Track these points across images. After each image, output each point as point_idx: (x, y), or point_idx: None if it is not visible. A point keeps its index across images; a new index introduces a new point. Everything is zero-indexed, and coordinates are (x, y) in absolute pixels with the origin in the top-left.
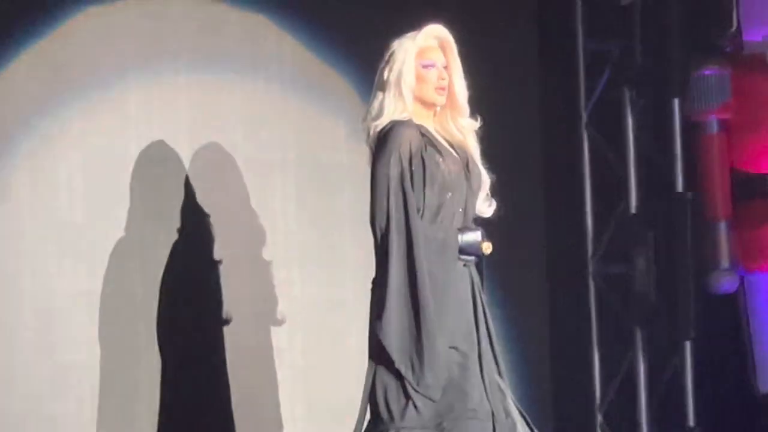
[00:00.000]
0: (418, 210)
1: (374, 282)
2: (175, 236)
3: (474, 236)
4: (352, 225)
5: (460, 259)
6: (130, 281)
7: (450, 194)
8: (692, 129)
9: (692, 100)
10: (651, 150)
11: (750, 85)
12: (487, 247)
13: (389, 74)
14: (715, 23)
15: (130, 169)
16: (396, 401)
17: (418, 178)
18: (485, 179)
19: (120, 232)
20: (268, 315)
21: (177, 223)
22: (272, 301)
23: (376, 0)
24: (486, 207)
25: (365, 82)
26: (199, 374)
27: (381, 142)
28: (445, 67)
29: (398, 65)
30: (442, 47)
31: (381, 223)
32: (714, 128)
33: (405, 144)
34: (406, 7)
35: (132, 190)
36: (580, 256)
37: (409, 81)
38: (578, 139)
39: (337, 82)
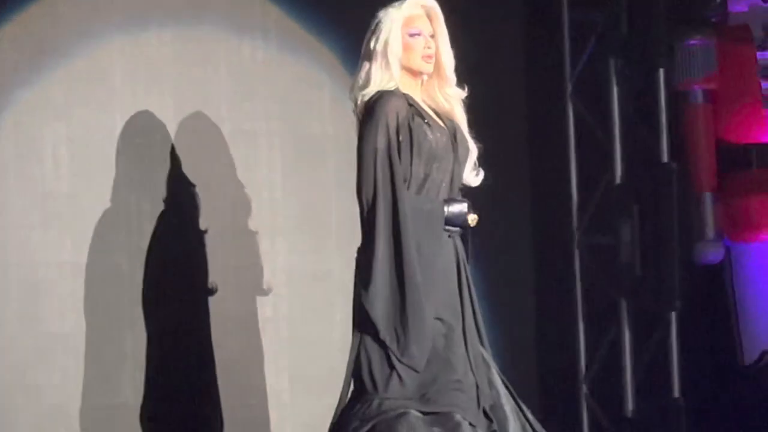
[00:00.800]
0: (405, 181)
1: (360, 252)
2: (160, 206)
3: (460, 208)
4: (338, 195)
5: (445, 230)
6: (115, 252)
7: (437, 164)
8: (677, 99)
9: (677, 71)
10: (636, 120)
11: (735, 55)
12: (473, 219)
13: (376, 44)
14: None
15: (115, 139)
16: (380, 371)
17: (405, 148)
18: (472, 149)
19: (105, 203)
20: (253, 285)
21: (162, 194)
22: (257, 271)
23: None
24: (473, 177)
25: (350, 52)
26: (184, 344)
27: (368, 113)
28: (432, 36)
29: (384, 34)
30: (429, 16)
31: (368, 193)
32: (699, 99)
33: (392, 114)
34: None
35: (117, 160)
36: (565, 227)
37: (395, 50)
38: (563, 110)
39: (322, 52)
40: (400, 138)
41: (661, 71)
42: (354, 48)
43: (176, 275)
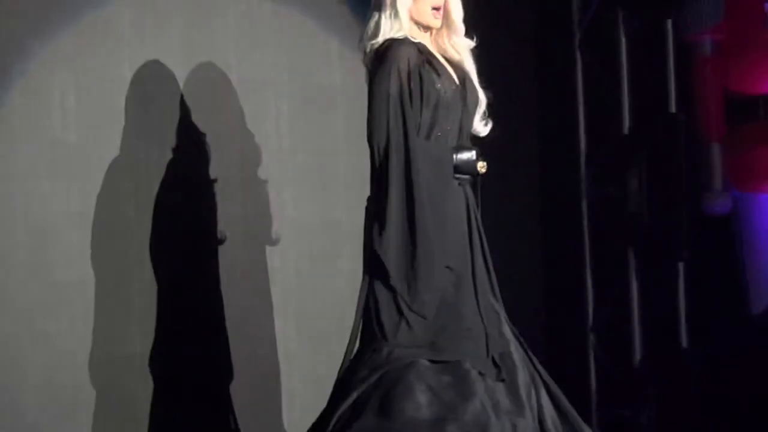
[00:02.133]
0: (416, 127)
1: (370, 199)
2: (169, 155)
3: (469, 155)
4: (346, 146)
5: (455, 177)
6: (123, 201)
7: (445, 113)
8: (686, 50)
9: (686, 21)
10: (644, 71)
11: (743, 6)
12: (482, 167)
13: None
14: None
15: (124, 88)
16: (389, 319)
17: (416, 95)
18: (482, 98)
19: (114, 152)
20: (261, 235)
21: (171, 143)
22: (266, 221)
23: None
24: (482, 126)
25: (359, 1)
26: (192, 293)
27: (379, 60)
28: None
29: None
30: None
31: (380, 140)
32: (707, 49)
33: (403, 61)
34: None
35: (125, 109)
36: (573, 177)
37: (405, 0)
38: (572, 60)
39: (330, 1)
40: (411, 85)
41: (669, 22)
42: None
43: (184, 225)
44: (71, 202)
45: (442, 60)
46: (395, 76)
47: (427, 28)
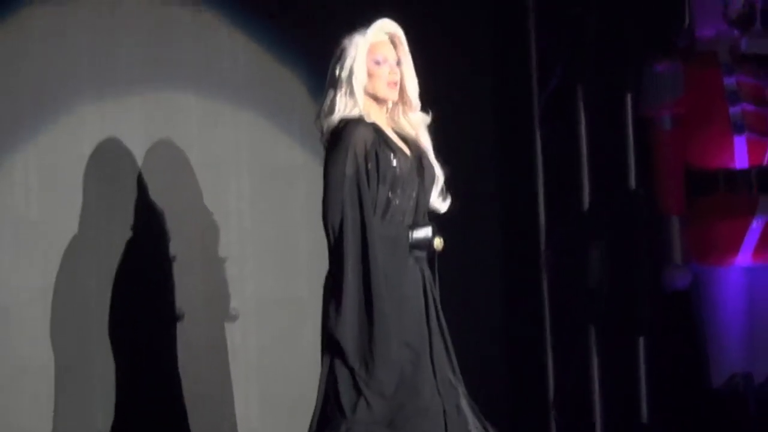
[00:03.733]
0: (372, 207)
1: (328, 278)
2: (129, 233)
3: (425, 232)
4: (306, 223)
5: (411, 255)
6: (84, 278)
7: (401, 190)
8: (645, 124)
9: (645, 96)
10: (604, 146)
11: (702, 80)
12: (439, 243)
13: (340, 71)
14: (667, 19)
15: (85, 166)
16: (348, 397)
17: (372, 175)
18: (439, 174)
19: (74, 229)
20: (222, 312)
21: (131, 221)
22: (226, 298)
23: None
24: (440, 202)
25: (319, 80)
26: (153, 371)
27: (334, 140)
28: (397, 63)
29: (349, 62)
30: (393, 42)
31: (334, 221)
32: (667, 124)
33: (360, 142)
34: (360, 4)
35: (86, 187)
36: (533, 251)
37: (360, 78)
38: (531, 134)
39: (290, 80)
40: (369, 166)
41: (629, 97)
42: (322, 75)
43: (145, 302)
44: (33, 278)
45: (398, 137)
46: (351, 157)
47: (382, 103)
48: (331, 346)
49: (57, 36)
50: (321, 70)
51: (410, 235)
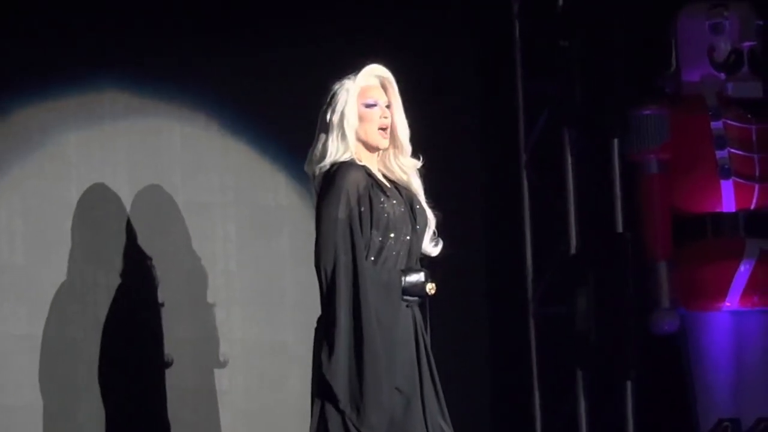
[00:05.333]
0: (365, 251)
1: (320, 322)
2: (116, 279)
3: (418, 277)
4: (293, 267)
5: (403, 299)
6: (70, 324)
7: (394, 234)
8: (632, 169)
9: (632, 141)
10: (591, 190)
11: (689, 124)
12: (431, 288)
13: (332, 115)
14: (654, 64)
15: (71, 211)
16: None
17: (365, 219)
18: (431, 219)
19: (61, 276)
20: (209, 357)
21: (118, 266)
22: (214, 343)
23: (317, 40)
24: (432, 247)
25: (304, 124)
26: (140, 417)
27: (327, 184)
28: (388, 106)
29: (340, 106)
30: (384, 86)
31: (327, 265)
32: (654, 168)
33: (353, 185)
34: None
35: (72, 232)
36: (520, 296)
37: (352, 121)
38: (518, 179)
39: (276, 123)
40: (361, 209)
41: (616, 141)
42: (307, 119)
43: (132, 348)
44: (19, 325)
45: (388, 181)
46: (344, 200)
47: (373, 149)
48: (322, 390)
49: (41, 84)
50: (306, 114)
51: (403, 280)
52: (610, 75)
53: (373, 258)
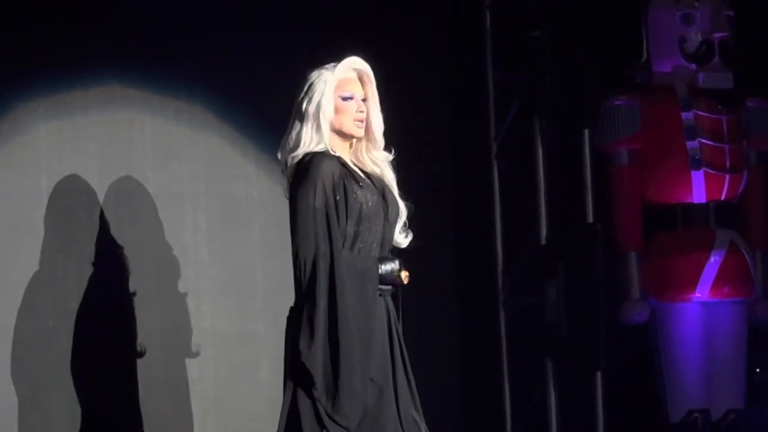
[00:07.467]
0: (341, 240)
1: (295, 310)
2: (87, 268)
3: (392, 266)
4: (263, 257)
5: (378, 288)
6: (43, 314)
7: (367, 225)
8: (602, 160)
9: (602, 131)
10: (561, 181)
11: (659, 115)
12: (405, 277)
13: (308, 105)
14: (625, 54)
15: (42, 202)
16: (310, 429)
17: (341, 208)
18: (402, 210)
19: (32, 265)
20: (180, 347)
21: (89, 256)
22: (184, 332)
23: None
24: (402, 238)
25: (276, 114)
26: (112, 406)
27: (301, 174)
28: (364, 100)
29: (317, 96)
30: (361, 79)
31: (307, 254)
32: (624, 159)
33: (327, 175)
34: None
35: (44, 222)
36: (490, 287)
37: (327, 113)
38: (488, 170)
39: (247, 113)
40: (337, 198)
41: (586, 132)
42: (280, 110)
43: (104, 337)
44: None
45: (361, 172)
46: (320, 189)
47: (347, 139)
48: (294, 378)
49: (13, 72)
50: (277, 104)
51: (379, 268)
52: (580, 65)
53: (349, 247)
